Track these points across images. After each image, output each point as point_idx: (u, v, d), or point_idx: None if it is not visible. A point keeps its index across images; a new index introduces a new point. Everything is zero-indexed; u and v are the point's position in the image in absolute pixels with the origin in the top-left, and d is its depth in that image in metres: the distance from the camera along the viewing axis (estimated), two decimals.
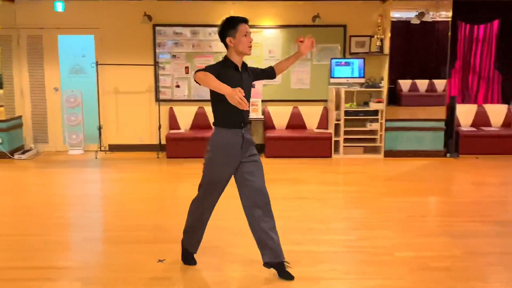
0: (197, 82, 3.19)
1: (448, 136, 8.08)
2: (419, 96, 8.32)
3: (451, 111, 8.09)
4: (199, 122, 8.47)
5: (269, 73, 3.81)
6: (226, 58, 3.44)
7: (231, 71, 3.37)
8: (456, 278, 3.66)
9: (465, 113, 8.50)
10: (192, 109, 8.49)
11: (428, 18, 7.79)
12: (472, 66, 8.58)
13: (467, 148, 8.08)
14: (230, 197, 3.86)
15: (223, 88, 3.00)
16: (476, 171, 7.26)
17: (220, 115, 3.42)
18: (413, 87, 8.33)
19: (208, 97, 3.49)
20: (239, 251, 4.15)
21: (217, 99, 3.29)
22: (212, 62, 8.28)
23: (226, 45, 3.43)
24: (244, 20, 3.44)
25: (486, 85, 8.63)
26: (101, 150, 8.51)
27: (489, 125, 8.47)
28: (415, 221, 4.98)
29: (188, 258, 3.84)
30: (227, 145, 3.42)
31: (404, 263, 3.90)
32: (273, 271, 3.62)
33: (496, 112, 8.49)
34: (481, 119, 8.48)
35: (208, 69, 3.22)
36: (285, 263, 3.58)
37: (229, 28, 3.39)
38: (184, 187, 6.45)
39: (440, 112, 8.09)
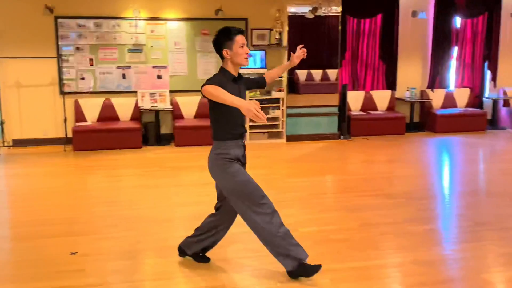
0: (204, 97, 2.99)
1: (341, 120, 8.45)
2: (315, 84, 8.60)
3: (343, 98, 8.46)
4: (106, 114, 8.09)
5: (259, 82, 3.66)
6: (223, 70, 3.25)
7: (230, 83, 3.17)
8: (354, 248, 3.85)
9: (355, 99, 8.93)
10: (99, 101, 8.09)
11: (320, 12, 8.05)
12: (360, 57, 9.00)
13: (358, 130, 8.52)
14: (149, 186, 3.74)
15: (238, 102, 2.77)
16: (366, 150, 7.67)
17: (223, 128, 3.20)
18: (309, 77, 8.59)
19: (114, 89, 3.32)
20: (151, 238, 4.06)
21: (218, 112, 3.14)
22: (117, 54, 7.96)
23: (222, 57, 3.24)
24: (241, 32, 3.25)
25: (372, 74, 9.12)
26: (4, 146, 7.88)
27: (376, 109, 8.97)
28: (317, 198, 5.17)
29: (310, 268, 3.29)
30: (235, 157, 3.24)
31: (308, 237, 4.03)
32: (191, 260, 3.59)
33: (382, 98, 9.01)
34: (369, 104, 8.97)
35: (215, 82, 3.02)
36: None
37: (226, 39, 3.18)
38: (94, 179, 6.17)
39: (333, 98, 8.43)
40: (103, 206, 4.99)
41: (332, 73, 8.49)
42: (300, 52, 3.60)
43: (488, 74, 9.41)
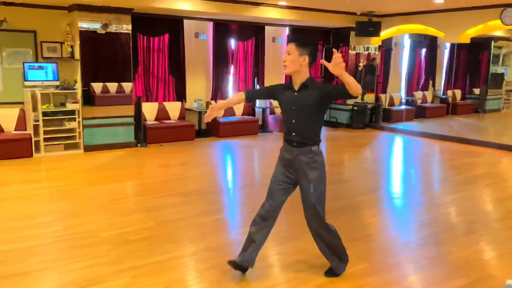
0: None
1: (137, 129, 8.31)
2: (111, 97, 8.26)
3: (138, 109, 8.33)
4: None
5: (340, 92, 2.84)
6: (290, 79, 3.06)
7: (283, 92, 3.07)
8: (153, 245, 3.84)
9: (149, 110, 8.88)
10: None
11: (112, 29, 7.78)
12: (152, 71, 8.99)
13: (153, 138, 8.49)
14: None
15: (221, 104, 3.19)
16: (161, 156, 7.70)
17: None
18: (105, 89, 8.21)
19: None
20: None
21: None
22: None
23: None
24: (290, 41, 2.99)
25: (164, 86, 9.19)
26: None
27: (169, 118, 9.07)
28: (116, 203, 4.98)
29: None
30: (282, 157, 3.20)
31: (108, 241, 3.87)
32: None
33: (173, 108, 9.16)
34: (162, 114, 9.01)
35: (266, 87, 3.30)
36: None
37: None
38: None
39: (129, 109, 8.23)
40: None
41: (127, 86, 8.28)
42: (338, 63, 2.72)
43: (258, 88, 10.39)
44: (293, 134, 3.03)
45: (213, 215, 4.66)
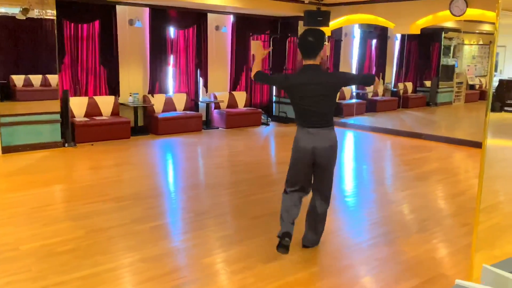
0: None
1: (65, 127, 7.98)
2: (34, 91, 7.87)
3: (65, 104, 7.99)
4: None
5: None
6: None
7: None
8: (81, 256, 3.69)
9: (78, 105, 8.55)
10: None
11: (33, 14, 7.39)
12: (80, 62, 8.65)
13: (83, 136, 8.17)
14: None
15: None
16: (92, 156, 7.43)
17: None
18: (28, 82, 7.81)
19: None
20: None
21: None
22: None
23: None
24: None
25: (94, 79, 8.87)
26: None
27: (100, 114, 8.78)
28: (40, 211, 4.74)
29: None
30: None
31: (30, 254, 3.68)
32: None
33: (106, 103, 8.87)
34: (93, 110, 8.70)
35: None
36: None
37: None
38: None
39: (55, 105, 7.87)
40: None
41: (53, 78, 7.91)
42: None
43: (201, 81, 10.29)
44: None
45: (151, 221, 4.55)
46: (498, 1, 2.48)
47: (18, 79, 7.65)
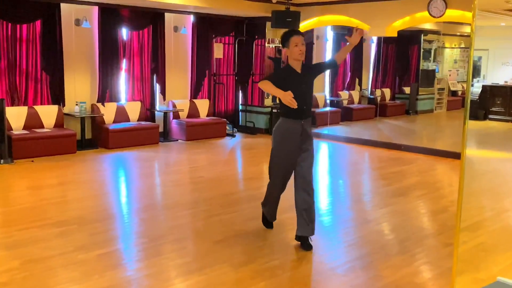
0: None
1: (0, 141, 7.73)
2: None
3: (0, 115, 7.75)
4: None
5: (331, 65, 4.80)
6: (287, 64, 4.42)
7: (291, 75, 4.35)
8: None
9: (16, 116, 8.31)
10: None
11: None
12: (19, 67, 8.43)
13: (22, 152, 7.92)
14: None
15: (278, 93, 4.13)
16: (32, 174, 7.22)
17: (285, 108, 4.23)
18: None
19: None
20: None
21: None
22: None
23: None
24: (296, 33, 4.39)
25: (35, 86, 8.65)
26: None
27: (42, 126, 8.55)
28: None
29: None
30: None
31: None
32: None
33: (48, 113, 8.65)
34: (33, 121, 8.47)
35: (272, 77, 4.64)
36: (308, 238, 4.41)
37: (284, 41, 4.38)
38: None
39: None
40: None
41: None
42: (357, 34, 4.67)
43: (158, 87, 10.19)
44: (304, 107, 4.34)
45: (98, 249, 4.42)
46: (474, 2, 2.50)
47: None
